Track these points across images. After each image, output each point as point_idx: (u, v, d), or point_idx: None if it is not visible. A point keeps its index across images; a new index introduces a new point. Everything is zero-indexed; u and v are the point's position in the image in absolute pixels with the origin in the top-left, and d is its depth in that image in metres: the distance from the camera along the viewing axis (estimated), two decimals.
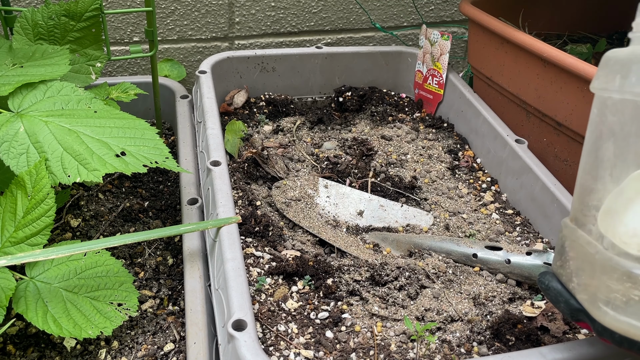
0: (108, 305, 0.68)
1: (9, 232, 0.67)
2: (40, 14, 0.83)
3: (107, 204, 0.91)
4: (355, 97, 1.15)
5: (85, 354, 0.69)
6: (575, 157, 0.92)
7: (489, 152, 1.01)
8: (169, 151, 0.72)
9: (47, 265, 0.68)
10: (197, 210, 0.85)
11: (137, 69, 1.26)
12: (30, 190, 0.67)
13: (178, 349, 0.71)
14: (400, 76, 1.22)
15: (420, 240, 0.82)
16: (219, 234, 0.71)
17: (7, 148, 0.67)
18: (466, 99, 1.07)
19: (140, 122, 0.75)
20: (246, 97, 1.12)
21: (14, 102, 0.72)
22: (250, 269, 0.74)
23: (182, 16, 1.21)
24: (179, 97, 1.10)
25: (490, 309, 0.71)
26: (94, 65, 0.87)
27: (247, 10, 1.25)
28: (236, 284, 0.64)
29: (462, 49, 1.46)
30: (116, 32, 1.20)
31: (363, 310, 0.71)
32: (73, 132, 0.70)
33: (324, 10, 1.30)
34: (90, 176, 0.67)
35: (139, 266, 0.82)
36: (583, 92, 0.86)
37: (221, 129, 0.92)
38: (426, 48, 1.12)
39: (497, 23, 0.99)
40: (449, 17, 1.40)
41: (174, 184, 1.00)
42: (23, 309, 0.63)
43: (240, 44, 1.29)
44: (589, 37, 1.21)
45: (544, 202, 0.86)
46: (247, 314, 0.60)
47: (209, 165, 0.82)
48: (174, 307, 0.77)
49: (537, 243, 0.84)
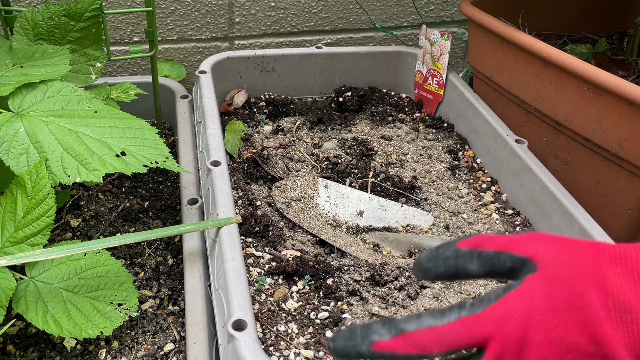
0: (108, 305, 0.68)
1: (9, 232, 0.67)
2: (40, 14, 0.83)
3: (107, 204, 0.91)
4: (355, 97, 1.15)
5: (85, 354, 0.69)
6: (575, 157, 0.92)
7: (489, 152, 1.01)
8: (169, 151, 0.72)
9: (47, 265, 0.68)
10: (197, 210, 0.85)
11: (137, 69, 1.26)
12: (30, 190, 0.67)
13: (178, 349, 0.71)
14: (400, 76, 1.22)
15: (420, 240, 0.82)
16: (219, 234, 0.71)
17: (7, 148, 0.67)
18: (466, 99, 1.07)
19: (140, 122, 0.75)
20: (246, 97, 1.12)
21: (14, 102, 0.72)
22: (250, 269, 0.74)
23: (182, 16, 1.21)
24: (179, 97, 1.10)
25: None
26: (94, 65, 0.87)
27: (247, 10, 1.25)
28: (236, 284, 0.64)
29: (462, 49, 1.46)
30: (116, 32, 1.20)
31: (363, 310, 0.71)
32: (73, 132, 0.70)
33: (324, 10, 1.30)
34: (90, 176, 0.67)
35: (139, 266, 0.82)
36: (583, 92, 0.86)
37: (221, 129, 0.92)
38: (426, 48, 1.12)
39: (497, 23, 0.99)
40: (449, 17, 1.40)
41: (174, 184, 1.00)
42: (23, 309, 0.63)
43: (240, 44, 1.29)
44: (589, 37, 1.21)
45: (544, 202, 0.86)
46: (247, 314, 0.60)
47: (209, 166, 0.82)
48: (174, 307, 0.77)
49: None
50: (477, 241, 0.41)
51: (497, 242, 0.40)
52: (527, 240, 0.40)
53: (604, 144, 0.86)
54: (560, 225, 0.83)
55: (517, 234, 0.41)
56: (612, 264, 0.36)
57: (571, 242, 0.39)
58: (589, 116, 0.86)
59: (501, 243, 0.40)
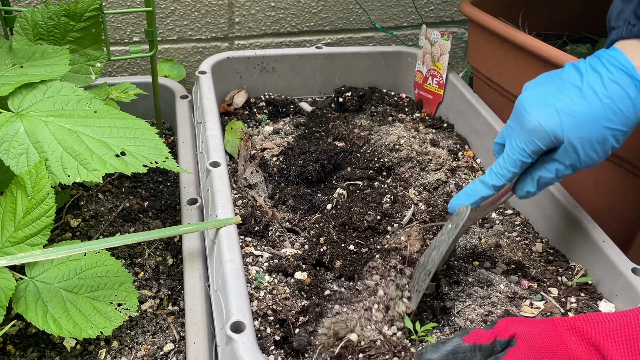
0: (108, 305, 0.68)
1: (9, 232, 0.67)
2: (40, 14, 0.83)
3: (107, 204, 0.91)
4: (355, 97, 1.15)
5: (85, 354, 0.70)
6: None
7: (489, 152, 1.01)
8: (168, 151, 0.72)
9: (47, 265, 0.68)
10: (196, 210, 0.85)
11: (137, 69, 1.26)
12: (30, 190, 0.67)
13: (178, 349, 0.71)
14: (400, 76, 1.22)
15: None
16: (218, 235, 0.71)
17: (7, 148, 0.67)
18: (466, 99, 1.07)
19: (140, 122, 0.75)
20: (246, 98, 1.12)
21: (14, 102, 0.72)
22: (249, 268, 0.74)
23: (182, 16, 1.21)
24: (178, 97, 1.10)
25: (490, 309, 0.71)
26: (93, 65, 0.87)
27: (247, 10, 1.25)
28: (235, 285, 0.64)
29: (462, 49, 1.46)
30: (116, 32, 1.20)
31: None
32: (73, 132, 0.70)
33: (324, 10, 1.30)
34: (90, 176, 0.67)
35: (139, 266, 0.82)
36: None
37: (221, 130, 0.92)
38: (426, 48, 1.12)
39: (497, 23, 0.99)
40: (449, 17, 1.40)
41: (174, 184, 1.00)
42: (23, 309, 0.63)
43: (240, 44, 1.29)
44: (589, 37, 1.21)
45: (544, 202, 0.86)
46: (245, 315, 0.60)
47: (209, 167, 0.82)
48: (173, 307, 0.77)
49: (536, 243, 0.84)
50: (475, 337, 0.52)
51: (489, 335, 0.52)
52: (508, 326, 0.52)
53: None
54: (560, 225, 0.83)
55: (496, 324, 0.53)
56: (569, 333, 0.50)
57: (535, 320, 0.53)
58: None
59: (492, 335, 0.52)
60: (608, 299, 0.74)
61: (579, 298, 0.74)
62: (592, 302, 0.74)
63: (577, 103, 0.63)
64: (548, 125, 0.63)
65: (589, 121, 0.62)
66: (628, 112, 0.62)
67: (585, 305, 0.73)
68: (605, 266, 0.74)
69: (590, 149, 0.63)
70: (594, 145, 0.63)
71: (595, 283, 0.76)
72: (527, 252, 0.82)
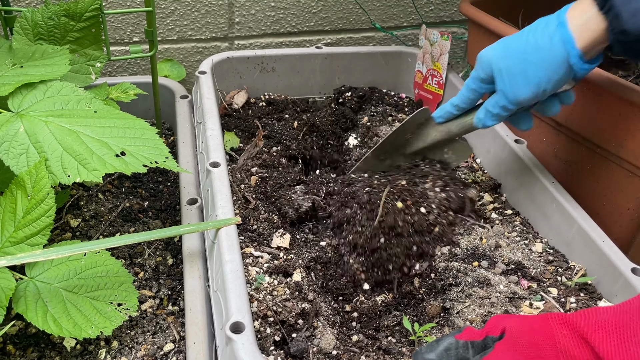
0: (108, 305, 0.68)
1: (9, 232, 0.67)
2: (40, 14, 0.83)
3: (107, 204, 0.91)
4: (355, 98, 1.15)
5: (85, 354, 0.70)
6: (575, 157, 0.92)
7: (489, 152, 1.01)
8: (168, 151, 0.72)
9: (47, 265, 0.68)
10: (196, 210, 0.85)
11: (137, 69, 1.26)
12: (30, 190, 0.67)
13: (178, 349, 0.71)
14: (400, 76, 1.22)
15: None
16: (217, 236, 0.71)
17: (7, 148, 0.67)
18: None
19: (140, 122, 0.75)
20: (246, 98, 1.12)
21: (14, 102, 0.72)
22: (249, 268, 0.74)
23: (182, 16, 1.21)
24: (178, 97, 1.10)
25: (490, 309, 0.71)
26: (93, 65, 0.87)
27: (247, 10, 1.25)
28: (234, 286, 0.64)
29: (462, 49, 1.46)
30: (116, 32, 1.20)
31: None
32: (73, 132, 0.70)
33: (324, 10, 1.30)
34: (90, 176, 0.67)
35: (139, 266, 0.82)
36: (583, 92, 0.86)
37: (221, 130, 0.92)
38: (426, 48, 1.12)
39: (497, 23, 0.99)
40: (448, 17, 1.40)
41: (174, 184, 1.00)
42: (23, 309, 0.63)
43: (240, 44, 1.29)
44: None
45: (544, 202, 0.86)
46: (245, 316, 0.60)
47: (209, 167, 0.82)
48: (173, 307, 0.77)
49: (536, 243, 0.84)
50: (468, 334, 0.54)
51: (481, 332, 0.54)
52: (498, 323, 0.54)
53: (604, 144, 0.86)
54: (560, 225, 0.83)
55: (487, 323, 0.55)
56: (560, 327, 0.51)
57: (528, 316, 0.54)
58: (589, 116, 0.86)
59: (484, 332, 0.54)
60: (608, 299, 0.74)
61: (579, 298, 0.74)
62: (591, 302, 0.74)
63: (511, 40, 0.75)
64: (485, 55, 0.77)
65: (512, 54, 0.74)
66: (545, 51, 0.71)
67: (584, 305, 0.73)
68: (605, 266, 0.74)
69: (513, 77, 0.74)
70: (516, 76, 0.73)
71: (595, 283, 0.76)
72: (527, 252, 0.82)
